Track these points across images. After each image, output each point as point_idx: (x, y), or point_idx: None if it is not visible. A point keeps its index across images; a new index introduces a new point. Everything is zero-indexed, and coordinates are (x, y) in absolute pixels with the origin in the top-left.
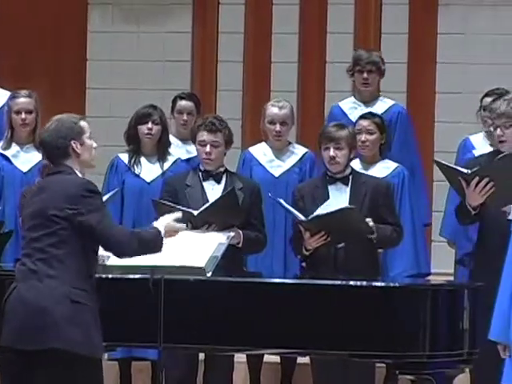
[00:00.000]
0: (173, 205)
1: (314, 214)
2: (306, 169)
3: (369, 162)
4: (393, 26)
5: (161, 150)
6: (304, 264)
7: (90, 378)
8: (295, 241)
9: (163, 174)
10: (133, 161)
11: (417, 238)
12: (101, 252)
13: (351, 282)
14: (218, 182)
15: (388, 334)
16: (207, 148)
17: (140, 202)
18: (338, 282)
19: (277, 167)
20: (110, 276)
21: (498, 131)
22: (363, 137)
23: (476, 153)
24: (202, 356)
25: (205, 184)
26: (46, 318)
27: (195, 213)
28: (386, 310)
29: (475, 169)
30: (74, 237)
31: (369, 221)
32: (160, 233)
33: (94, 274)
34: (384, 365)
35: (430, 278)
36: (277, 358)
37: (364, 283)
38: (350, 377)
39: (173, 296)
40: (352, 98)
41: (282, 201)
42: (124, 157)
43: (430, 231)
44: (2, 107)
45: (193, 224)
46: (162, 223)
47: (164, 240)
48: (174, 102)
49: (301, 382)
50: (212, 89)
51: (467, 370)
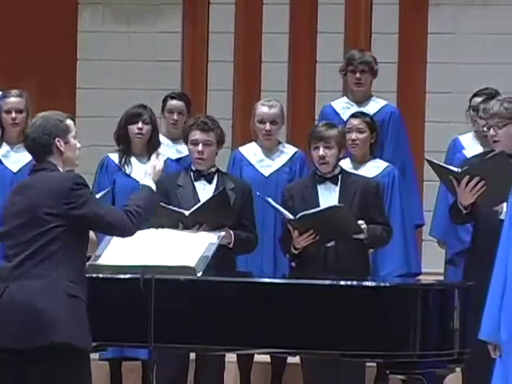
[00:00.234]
0: (164, 205)
1: (303, 212)
2: (295, 168)
3: (359, 162)
4: (383, 25)
5: (151, 150)
6: (293, 263)
7: (84, 369)
8: (284, 240)
9: None
10: (123, 160)
11: (407, 238)
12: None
13: (342, 282)
14: (210, 182)
15: (379, 333)
16: (199, 147)
17: None
18: (329, 282)
19: (267, 167)
20: (100, 276)
21: (492, 131)
22: (353, 135)
23: (466, 152)
24: (193, 356)
25: (196, 184)
26: (44, 315)
27: (187, 213)
28: (376, 309)
29: (465, 168)
30: (68, 232)
31: (361, 223)
32: (151, 190)
33: (85, 267)
34: (375, 364)
35: (420, 277)
36: (267, 358)
37: (355, 283)
38: (340, 376)
39: (163, 296)
40: (345, 98)
41: (270, 200)
42: (114, 156)
43: (421, 231)
44: None
45: (184, 224)
46: (147, 174)
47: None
48: (165, 101)
49: (291, 382)
50: (202, 89)
51: (458, 369)
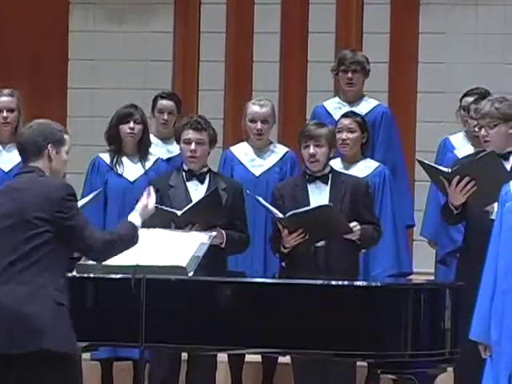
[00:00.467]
0: (156, 204)
1: (292, 211)
2: (286, 168)
3: (350, 162)
4: (374, 25)
5: (142, 150)
6: (284, 263)
7: (72, 375)
8: (274, 239)
9: (145, 173)
10: (115, 160)
11: (398, 238)
12: None
13: (333, 282)
14: (202, 182)
15: (370, 333)
16: (192, 145)
17: (124, 202)
18: (320, 282)
19: (258, 166)
20: (92, 276)
21: (483, 131)
22: (344, 135)
23: (457, 153)
24: (185, 355)
25: (188, 184)
26: (34, 321)
27: (179, 213)
28: (367, 309)
29: (455, 168)
30: (55, 239)
31: (355, 224)
32: (135, 226)
33: (66, 274)
34: (366, 364)
35: (411, 277)
36: (258, 358)
37: (346, 283)
38: (331, 376)
39: (155, 295)
40: (336, 98)
41: (260, 198)
42: (105, 156)
43: (412, 230)
44: None
45: (176, 224)
46: (135, 211)
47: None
48: (155, 101)
49: (282, 382)
50: (194, 88)
51: (449, 369)
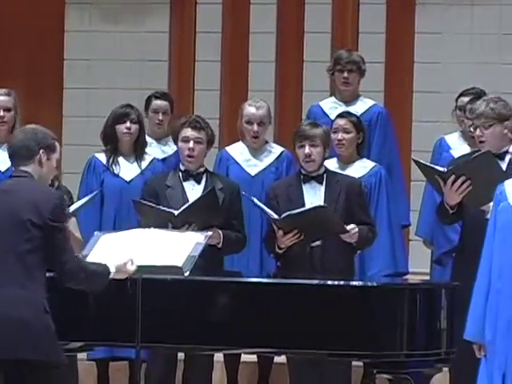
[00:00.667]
0: (153, 205)
1: (287, 212)
2: (282, 168)
3: (346, 162)
4: (370, 25)
5: (138, 150)
6: (279, 263)
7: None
8: (268, 239)
9: (142, 172)
10: (111, 160)
11: (394, 237)
12: None
13: (329, 282)
14: (198, 182)
15: (366, 333)
16: (190, 144)
17: (120, 202)
18: (316, 282)
19: (253, 166)
20: None
21: (478, 131)
22: (339, 135)
23: (453, 152)
24: (182, 355)
25: (185, 184)
26: (26, 329)
27: (176, 213)
28: (363, 309)
29: (451, 167)
30: (43, 247)
31: (353, 227)
32: (109, 273)
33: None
34: (362, 364)
35: (407, 277)
36: (254, 358)
37: (342, 283)
38: (326, 376)
39: (151, 295)
40: (332, 98)
41: (255, 199)
42: (101, 156)
43: (408, 230)
44: None
45: (173, 224)
46: (115, 263)
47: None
48: (149, 101)
49: (278, 382)
50: (189, 88)
51: (445, 369)
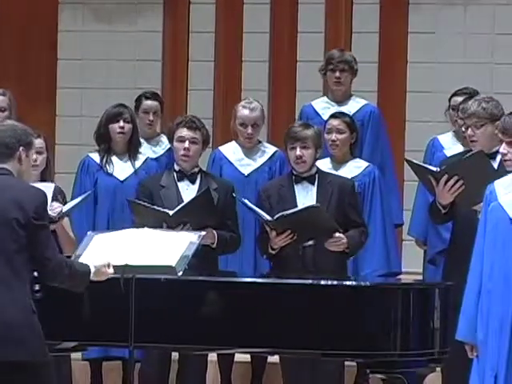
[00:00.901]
0: (148, 205)
1: (280, 213)
2: (275, 168)
3: (339, 162)
4: (363, 25)
5: (132, 149)
6: (272, 263)
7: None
8: (261, 240)
9: (135, 172)
10: (104, 160)
11: (388, 237)
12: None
13: (322, 282)
14: (193, 182)
15: (359, 333)
16: (186, 143)
17: (114, 201)
18: (310, 282)
19: (246, 166)
20: None
21: (469, 131)
22: (333, 136)
23: (446, 152)
24: (176, 355)
25: (180, 184)
26: (12, 330)
27: (171, 213)
28: (357, 309)
29: (444, 167)
30: (27, 246)
31: (339, 236)
32: (90, 272)
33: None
34: (355, 363)
35: (400, 277)
36: (247, 358)
37: (335, 282)
38: (320, 375)
39: (144, 295)
40: (325, 98)
41: (246, 201)
42: (95, 156)
43: (401, 230)
44: None
45: (168, 224)
46: (94, 263)
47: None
48: (139, 101)
49: (271, 381)
50: (183, 88)
51: (438, 368)
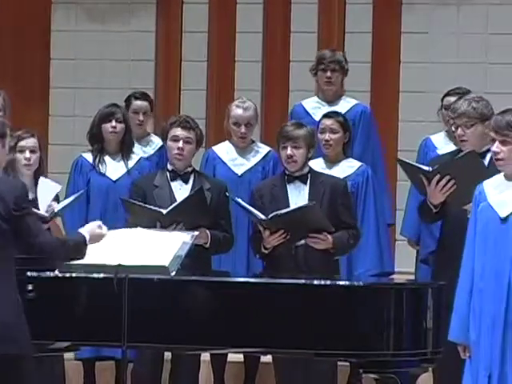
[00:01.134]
0: (141, 204)
1: (274, 212)
2: (269, 167)
3: (332, 161)
4: (357, 25)
5: (124, 149)
6: (264, 263)
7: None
8: (254, 240)
9: (128, 172)
10: (97, 160)
11: (381, 237)
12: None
13: (315, 281)
14: (186, 182)
15: (352, 332)
16: (180, 143)
17: (106, 201)
18: (303, 281)
19: (240, 166)
20: (74, 275)
21: (459, 131)
22: (326, 136)
23: (439, 152)
24: (168, 355)
25: (173, 184)
26: (1, 325)
27: (164, 212)
28: (350, 308)
29: (436, 166)
30: (11, 240)
31: (323, 237)
32: (85, 240)
33: None
34: (348, 363)
35: (393, 276)
36: (240, 357)
37: (328, 282)
38: (312, 375)
39: (137, 295)
40: (315, 98)
41: (240, 200)
42: (88, 156)
43: (394, 230)
44: None
45: (162, 223)
46: (86, 230)
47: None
48: (128, 101)
49: (264, 381)
50: (176, 88)
51: (431, 368)
